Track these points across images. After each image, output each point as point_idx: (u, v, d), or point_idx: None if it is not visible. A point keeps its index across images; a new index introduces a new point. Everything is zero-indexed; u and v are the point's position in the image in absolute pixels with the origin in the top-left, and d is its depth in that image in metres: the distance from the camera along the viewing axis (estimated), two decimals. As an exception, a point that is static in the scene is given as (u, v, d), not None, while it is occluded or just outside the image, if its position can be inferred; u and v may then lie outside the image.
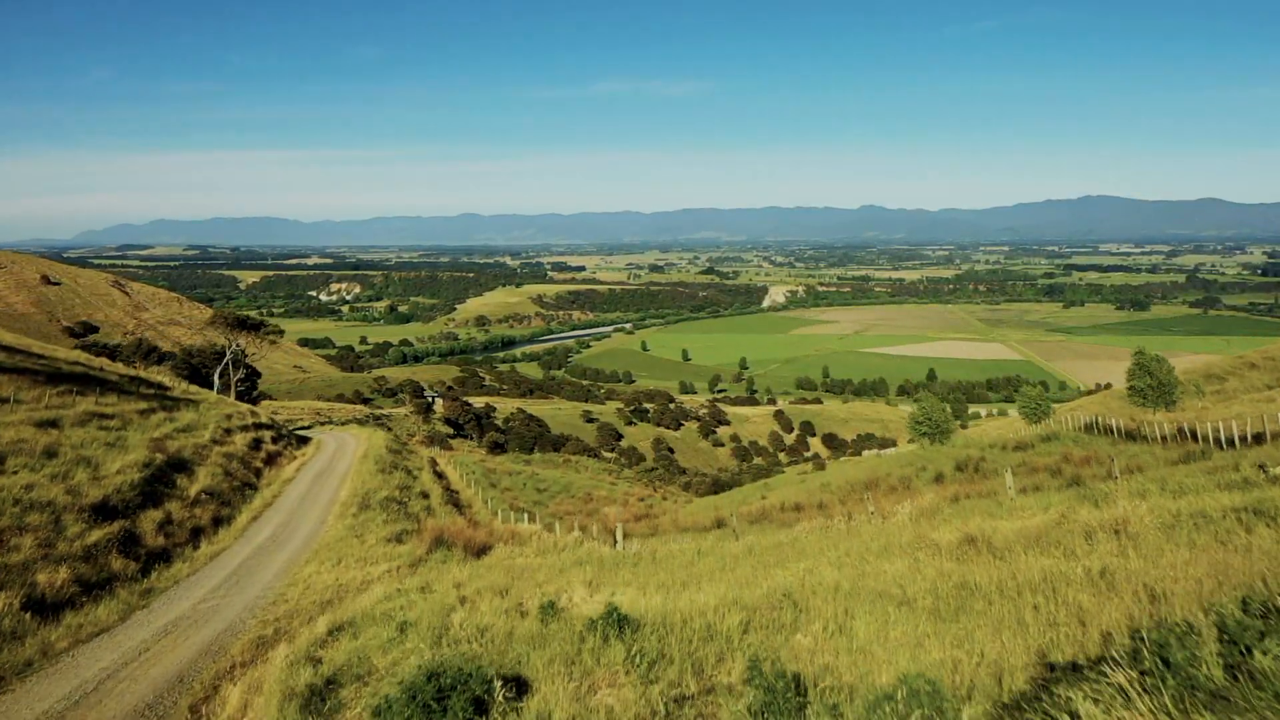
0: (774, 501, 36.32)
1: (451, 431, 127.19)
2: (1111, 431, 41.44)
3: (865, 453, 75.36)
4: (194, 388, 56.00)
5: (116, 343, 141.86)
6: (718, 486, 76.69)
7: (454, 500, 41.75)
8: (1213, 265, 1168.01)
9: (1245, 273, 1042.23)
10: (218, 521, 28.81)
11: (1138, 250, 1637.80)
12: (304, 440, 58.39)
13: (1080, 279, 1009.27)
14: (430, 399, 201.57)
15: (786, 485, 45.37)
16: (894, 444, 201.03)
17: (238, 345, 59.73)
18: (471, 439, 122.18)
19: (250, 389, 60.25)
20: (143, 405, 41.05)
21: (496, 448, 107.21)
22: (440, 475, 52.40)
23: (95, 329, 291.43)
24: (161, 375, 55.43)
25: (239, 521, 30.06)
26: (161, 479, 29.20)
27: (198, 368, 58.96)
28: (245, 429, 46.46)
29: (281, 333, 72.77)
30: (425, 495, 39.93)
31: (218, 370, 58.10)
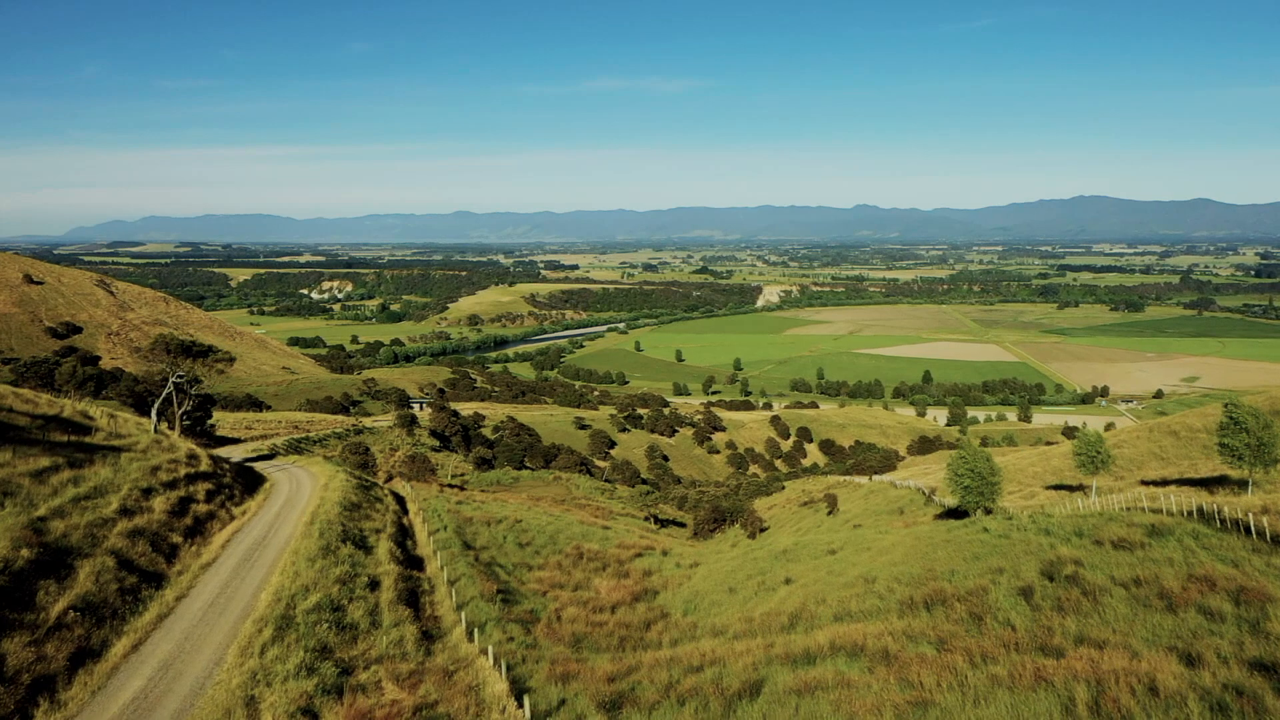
0: (816, 629, 28.09)
1: (437, 444, 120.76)
2: (1247, 530, 30.81)
3: (875, 477, 69.30)
4: (132, 424, 47.92)
5: (55, 361, 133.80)
6: (718, 514, 70.59)
7: (412, 587, 33.97)
8: (1206, 266, 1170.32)
9: (1239, 274, 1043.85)
10: (79, 659, 21.74)
11: (1131, 251, 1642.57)
12: (256, 482, 51.00)
13: (1074, 279, 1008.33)
14: (420, 404, 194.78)
15: (812, 560, 36.13)
16: (896, 456, 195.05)
17: (180, 374, 51.27)
18: (458, 452, 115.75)
19: (203, 419, 52.15)
20: (45, 462, 33.95)
21: (483, 463, 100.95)
22: (406, 532, 45.00)
23: (79, 329, 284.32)
24: (95, 409, 47.97)
25: (111, 655, 22.94)
26: (16, 593, 22.41)
27: (144, 396, 51.38)
28: (173, 485, 39.16)
29: (232, 359, 66.12)
30: (375, 585, 32.16)
31: (156, 404, 49.86)
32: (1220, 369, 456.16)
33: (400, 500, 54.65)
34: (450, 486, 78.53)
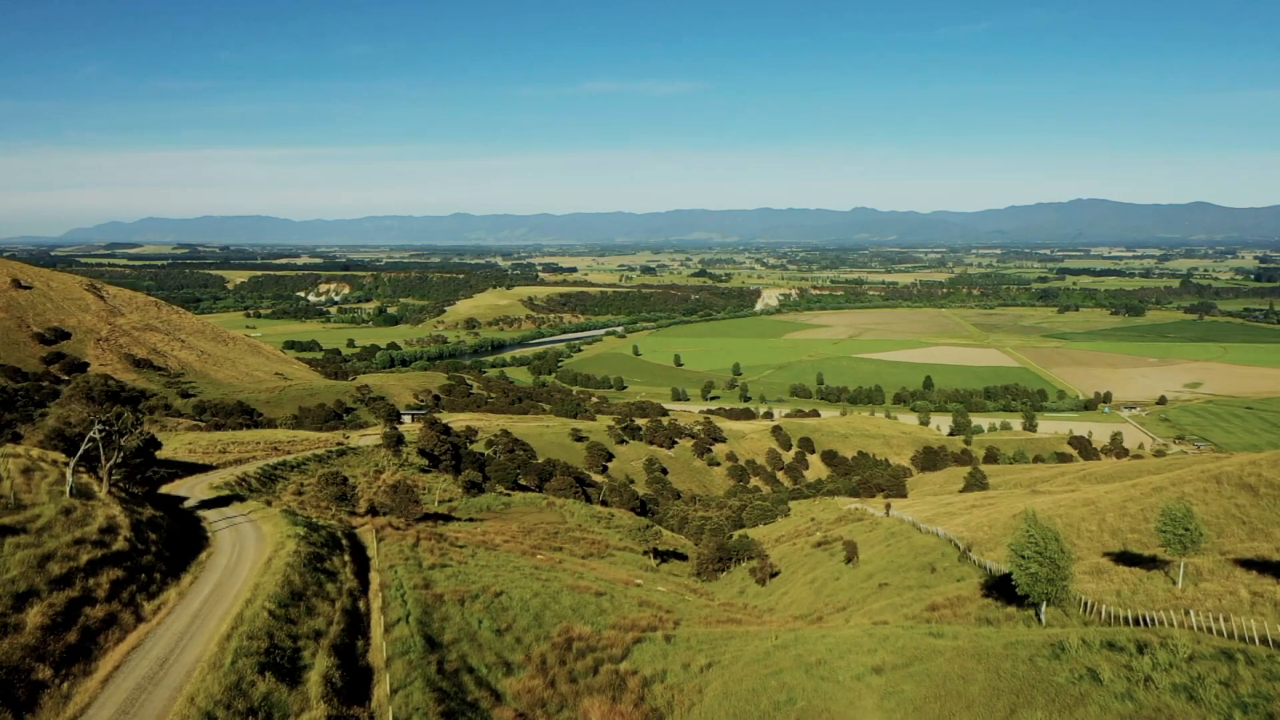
0: None
1: (426, 464, 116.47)
2: None
3: (893, 511, 64.56)
4: (47, 483, 40.77)
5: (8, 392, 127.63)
6: (723, 552, 66.30)
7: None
8: (1205, 270, 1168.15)
9: (1238, 278, 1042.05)
10: None
11: (1130, 254, 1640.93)
12: (192, 548, 42.68)
13: (1074, 283, 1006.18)
14: (412, 415, 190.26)
15: (855, 684, 29.94)
16: (904, 471, 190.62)
17: (105, 423, 42.32)
18: (448, 474, 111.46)
19: (143, 466, 44.34)
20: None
21: (472, 487, 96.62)
22: (358, 624, 36.87)
23: (67, 335, 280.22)
24: (9, 462, 40.90)
25: None
26: None
27: (76, 441, 43.87)
28: (66, 581, 31.19)
29: (169, 407, 60.56)
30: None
31: (73, 462, 42.13)
32: (1223, 374, 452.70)
33: (363, 565, 46.64)
34: (436, 517, 74.24)
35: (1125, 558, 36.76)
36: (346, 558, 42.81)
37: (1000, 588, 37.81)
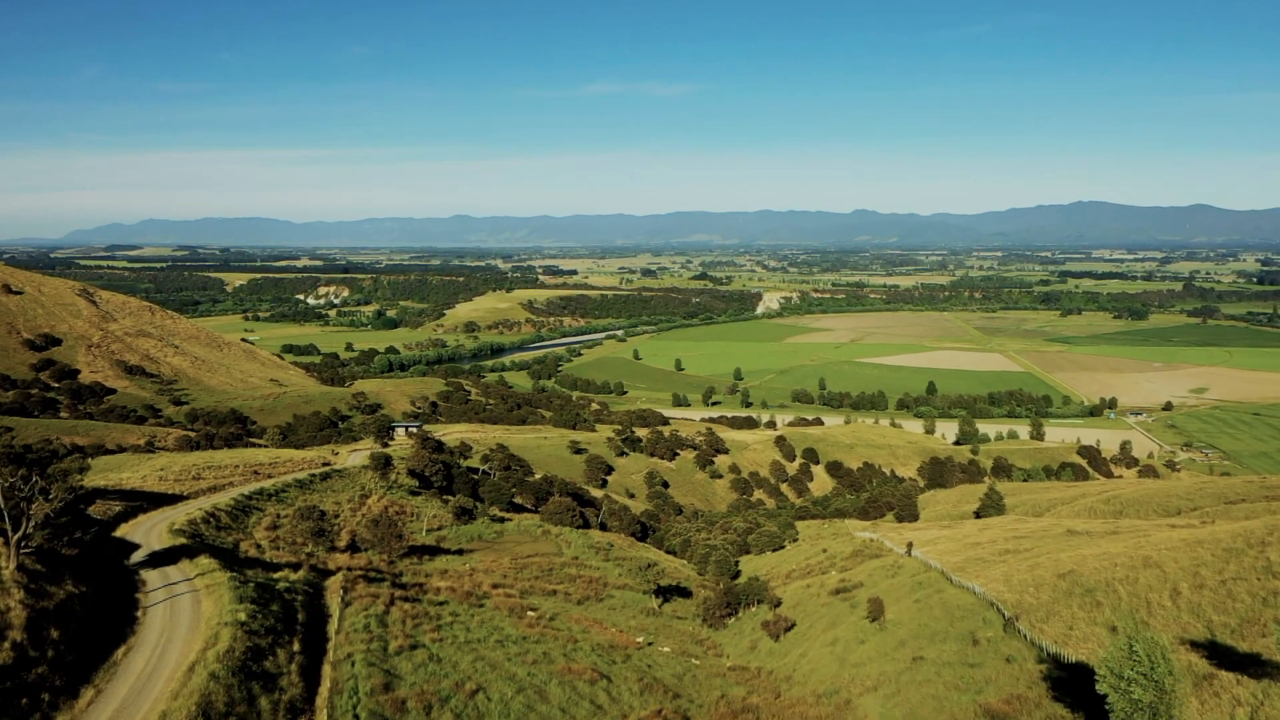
0: None
1: (416, 485, 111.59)
2: None
3: (916, 551, 58.97)
4: None
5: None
6: (731, 596, 61.45)
7: None
8: (1207, 272, 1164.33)
9: (1241, 280, 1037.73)
10: None
11: (1131, 256, 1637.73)
12: (119, 629, 36.01)
13: (1075, 286, 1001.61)
14: (406, 428, 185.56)
15: None
16: (916, 487, 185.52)
17: (6, 489, 34.58)
18: (440, 496, 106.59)
19: (71, 527, 36.81)
20: None
21: (463, 514, 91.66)
22: None
23: (58, 341, 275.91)
24: None
25: None
26: None
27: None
28: None
29: (83, 470, 54.47)
30: None
31: None
32: (1228, 379, 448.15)
33: (319, 650, 39.16)
34: (422, 550, 69.60)
35: (1220, 654, 31.05)
36: (296, 647, 36.79)
37: (1071, 687, 31.92)
